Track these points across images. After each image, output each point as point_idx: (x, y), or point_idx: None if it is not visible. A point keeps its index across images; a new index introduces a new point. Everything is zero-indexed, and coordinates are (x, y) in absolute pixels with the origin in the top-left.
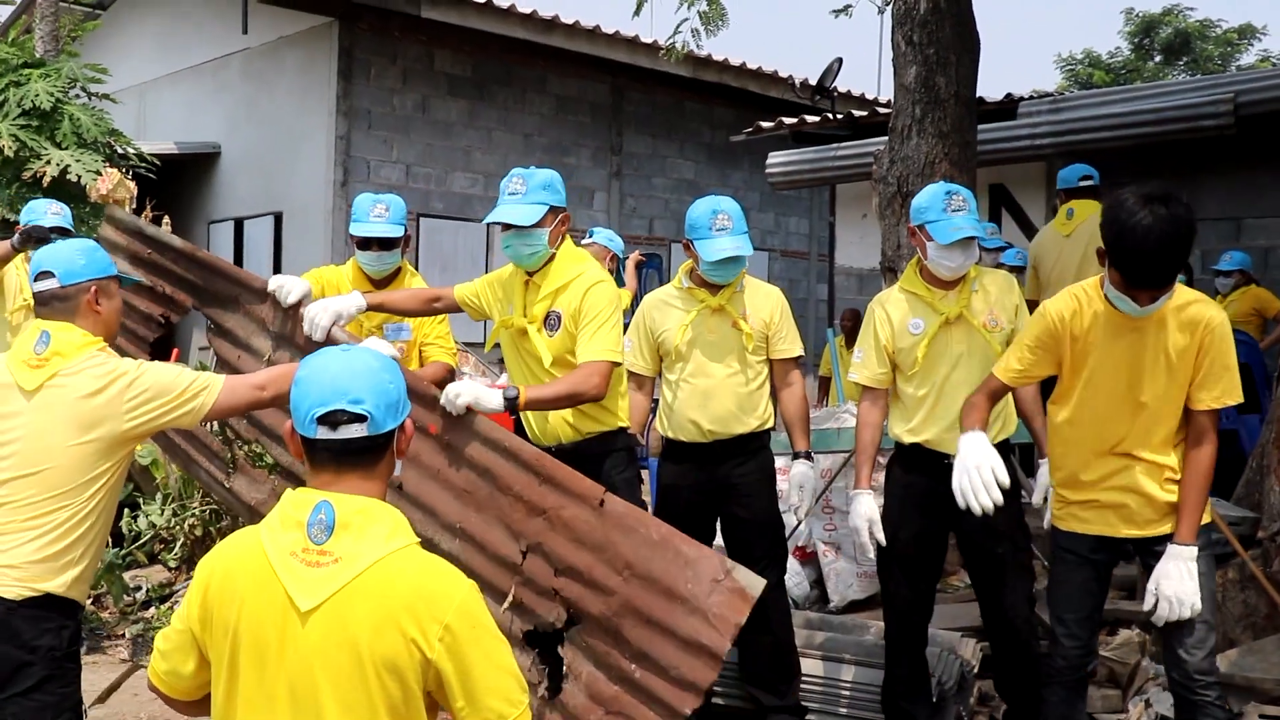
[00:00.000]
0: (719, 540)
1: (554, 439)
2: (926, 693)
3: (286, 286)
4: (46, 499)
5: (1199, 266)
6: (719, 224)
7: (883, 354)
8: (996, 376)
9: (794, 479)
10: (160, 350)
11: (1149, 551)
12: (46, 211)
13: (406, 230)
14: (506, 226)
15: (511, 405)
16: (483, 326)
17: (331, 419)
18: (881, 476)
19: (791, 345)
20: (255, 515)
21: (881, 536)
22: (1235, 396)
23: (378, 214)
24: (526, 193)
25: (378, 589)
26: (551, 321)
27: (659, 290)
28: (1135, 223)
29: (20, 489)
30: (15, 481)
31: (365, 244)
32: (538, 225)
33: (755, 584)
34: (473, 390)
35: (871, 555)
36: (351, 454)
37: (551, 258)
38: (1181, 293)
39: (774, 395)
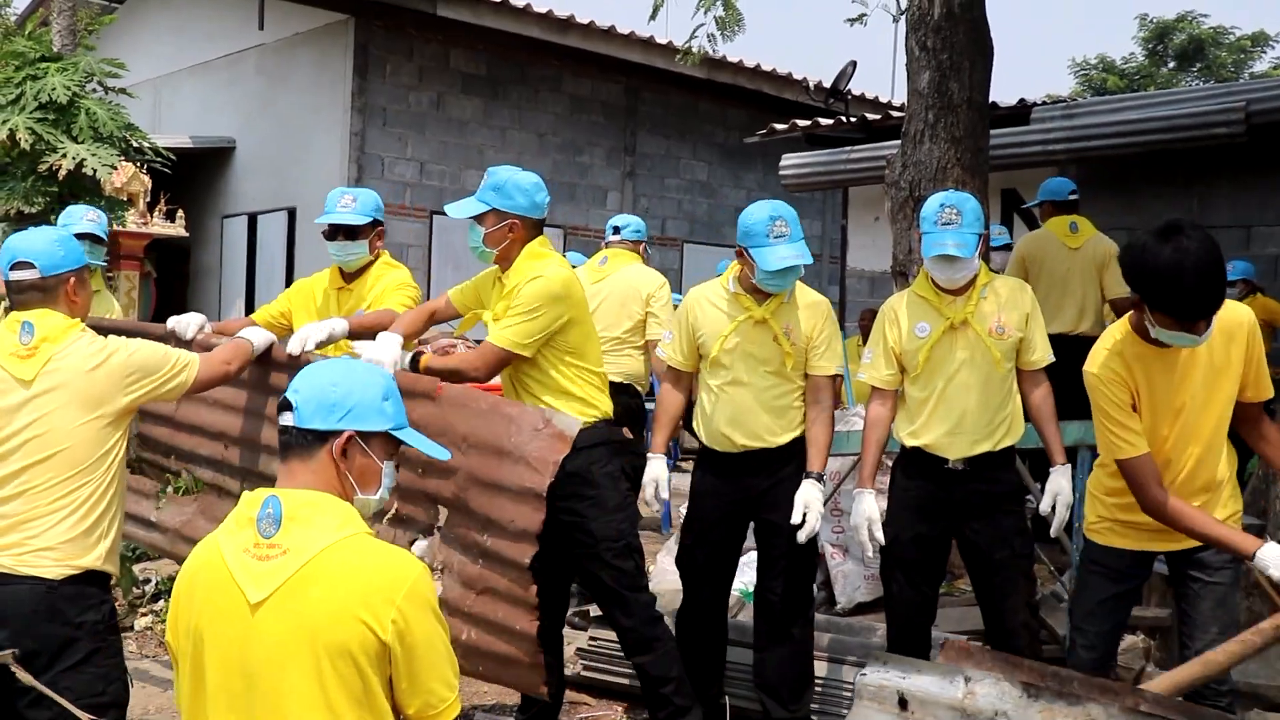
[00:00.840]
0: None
1: None
2: None
3: (184, 323)
4: (68, 478)
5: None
6: (777, 230)
7: (890, 356)
8: (1134, 458)
9: (800, 497)
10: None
11: (1185, 561)
12: (83, 218)
13: (380, 222)
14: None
15: (413, 364)
16: None
17: (280, 406)
18: (887, 479)
19: (829, 362)
20: (179, 537)
21: (880, 536)
22: (1270, 391)
23: (344, 204)
24: (488, 186)
25: (328, 576)
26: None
27: (704, 287)
28: (1167, 263)
29: (40, 474)
30: (35, 467)
31: (331, 234)
32: (477, 220)
33: (571, 425)
34: (372, 351)
35: (870, 554)
36: (289, 444)
37: (510, 259)
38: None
39: None
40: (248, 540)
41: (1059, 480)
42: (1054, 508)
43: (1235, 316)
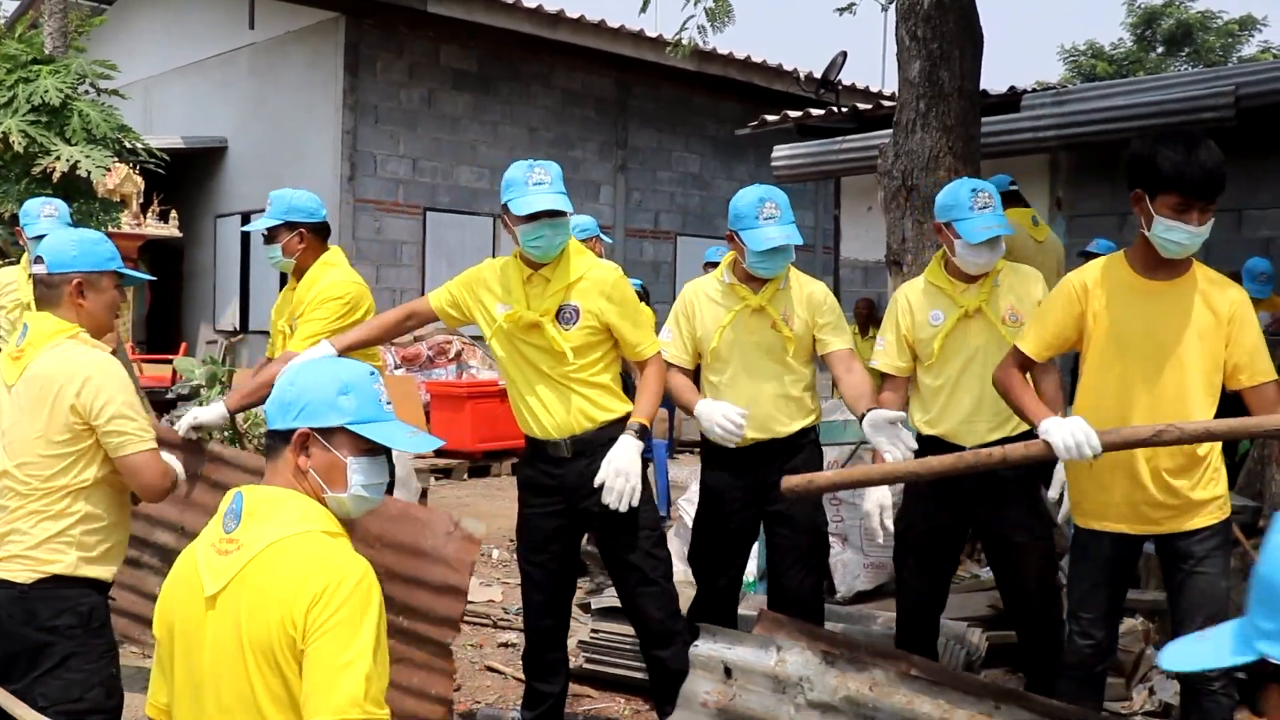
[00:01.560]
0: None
1: (568, 431)
2: None
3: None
4: (36, 487)
5: (1204, 259)
6: (766, 212)
7: (903, 344)
8: (1024, 353)
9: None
10: (170, 344)
11: (1166, 549)
12: (40, 215)
13: (296, 224)
14: (536, 216)
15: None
16: None
17: None
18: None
19: (840, 339)
20: None
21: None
22: (1273, 373)
23: (265, 209)
24: (552, 182)
25: (263, 572)
26: (568, 314)
27: (700, 281)
28: (1181, 143)
29: (15, 480)
30: (7, 475)
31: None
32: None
33: (478, 527)
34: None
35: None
36: (267, 448)
37: (563, 251)
38: (1204, 270)
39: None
40: (214, 535)
41: (1063, 471)
42: (1062, 496)
43: (1226, 291)
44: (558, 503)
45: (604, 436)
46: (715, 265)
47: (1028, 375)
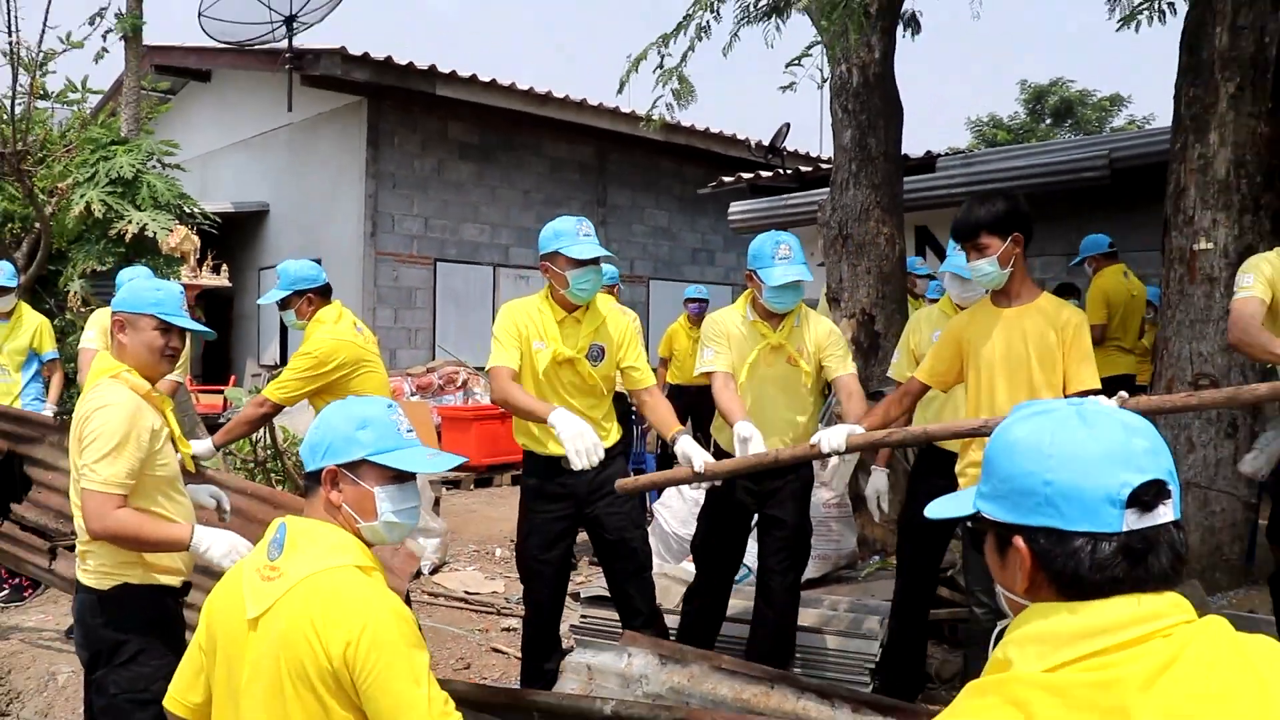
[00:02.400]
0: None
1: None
2: (923, 657)
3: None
4: None
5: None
6: (781, 253)
7: (910, 357)
8: (916, 378)
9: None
10: (222, 377)
11: None
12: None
13: (305, 291)
14: (585, 262)
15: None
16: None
17: None
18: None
19: (844, 365)
20: (72, 585)
21: (885, 507)
22: (1095, 382)
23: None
24: (594, 235)
25: (300, 602)
26: (594, 353)
27: (725, 311)
28: (969, 203)
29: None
30: (77, 501)
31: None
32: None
33: (419, 549)
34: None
35: (878, 520)
36: (306, 489)
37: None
38: (1049, 298)
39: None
40: (259, 561)
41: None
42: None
43: (1063, 314)
44: (567, 509)
45: (609, 455)
46: (695, 300)
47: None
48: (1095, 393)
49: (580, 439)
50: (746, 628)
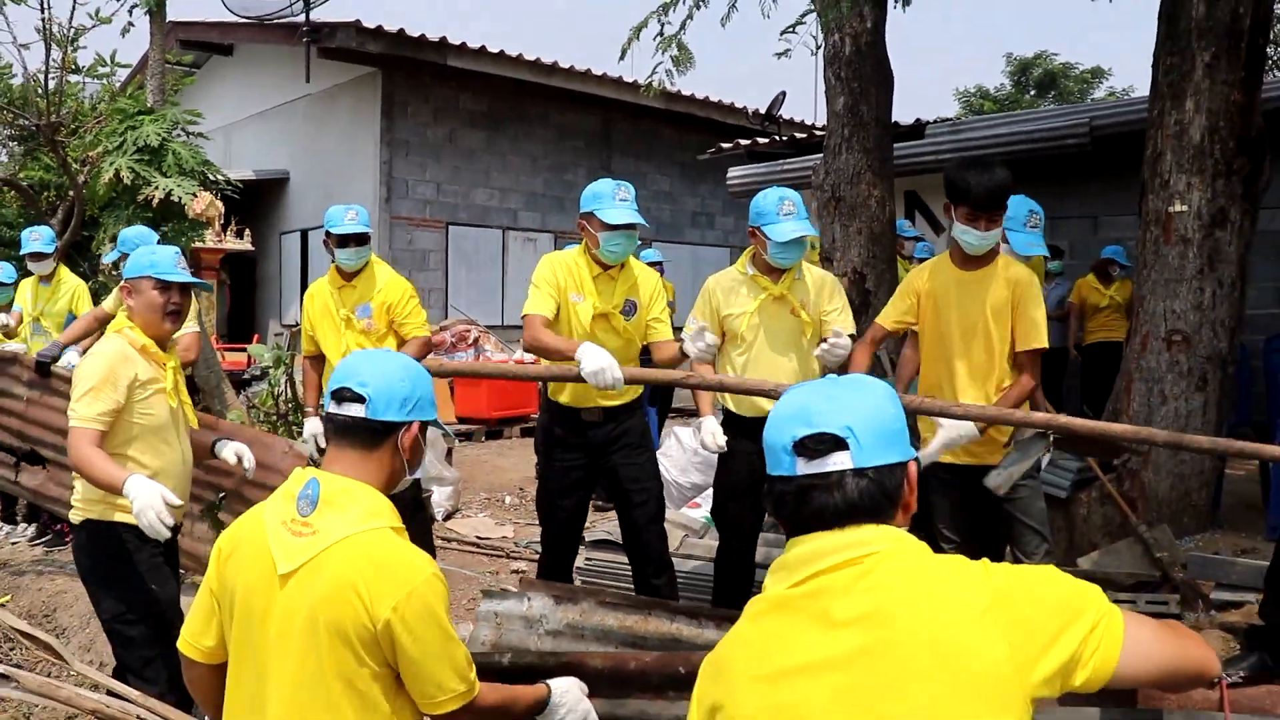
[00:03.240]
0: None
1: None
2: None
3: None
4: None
5: (1070, 254)
6: (785, 209)
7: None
8: (880, 324)
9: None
10: (247, 336)
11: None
12: (29, 239)
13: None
14: (618, 226)
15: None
16: (499, 309)
17: (338, 395)
18: None
19: (841, 321)
20: (37, 495)
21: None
22: (1041, 341)
23: (350, 218)
24: (632, 201)
25: (341, 560)
26: (628, 308)
27: (722, 274)
28: (978, 170)
29: None
30: None
31: (344, 242)
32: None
33: (303, 450)
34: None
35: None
36: (349, 432)
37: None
38: (1004, 258)
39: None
40: (286, 514)
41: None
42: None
43: (1016, 273)
44: (583, 458)
45: (626, 408)
46: (655, 264)
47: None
48: (1043, 353)
49: (603, 373)
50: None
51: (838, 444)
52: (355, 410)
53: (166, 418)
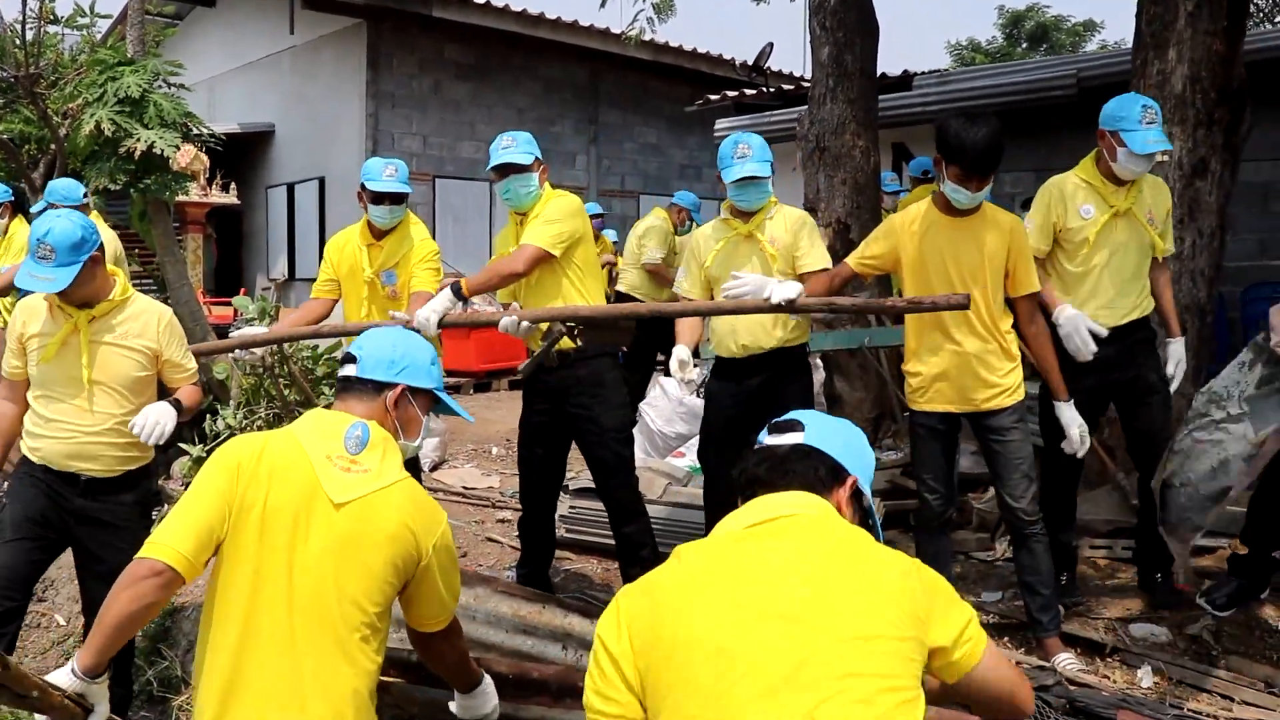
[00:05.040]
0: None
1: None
2: None
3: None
4: None
5: None
6: (739, 152)
7: (1050, 230)
8: (847, 263)
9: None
10: (234, 290)
11: (980, 425)
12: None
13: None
14: (506, 172)
15: (457, 292)
16: (487, 262)
17: (344, 359)
18: None
19: (815, 260)
20: None
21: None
22: (1035, 285)
23: (389, 174)
24: (517, 146)
25: (399, 500)
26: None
27: (705, 225)
28: (970, 129)
29: None
30: None
31: (379, 199)
32: (529, 169)
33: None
34: (425, 310)
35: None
36: (347, 389)
37: (538, 198)
38: (990, 206)
39: None
40: (331, 449)
41: (1178, 349)
42: (1174, 373)
43: (1005, 220)
44: (546, 404)
45: (582, 354)
46: (679, 207)
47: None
48: (1034, 296)
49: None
50: None
51: (793, 426)
52: (350, 369)
53: (46, 370)
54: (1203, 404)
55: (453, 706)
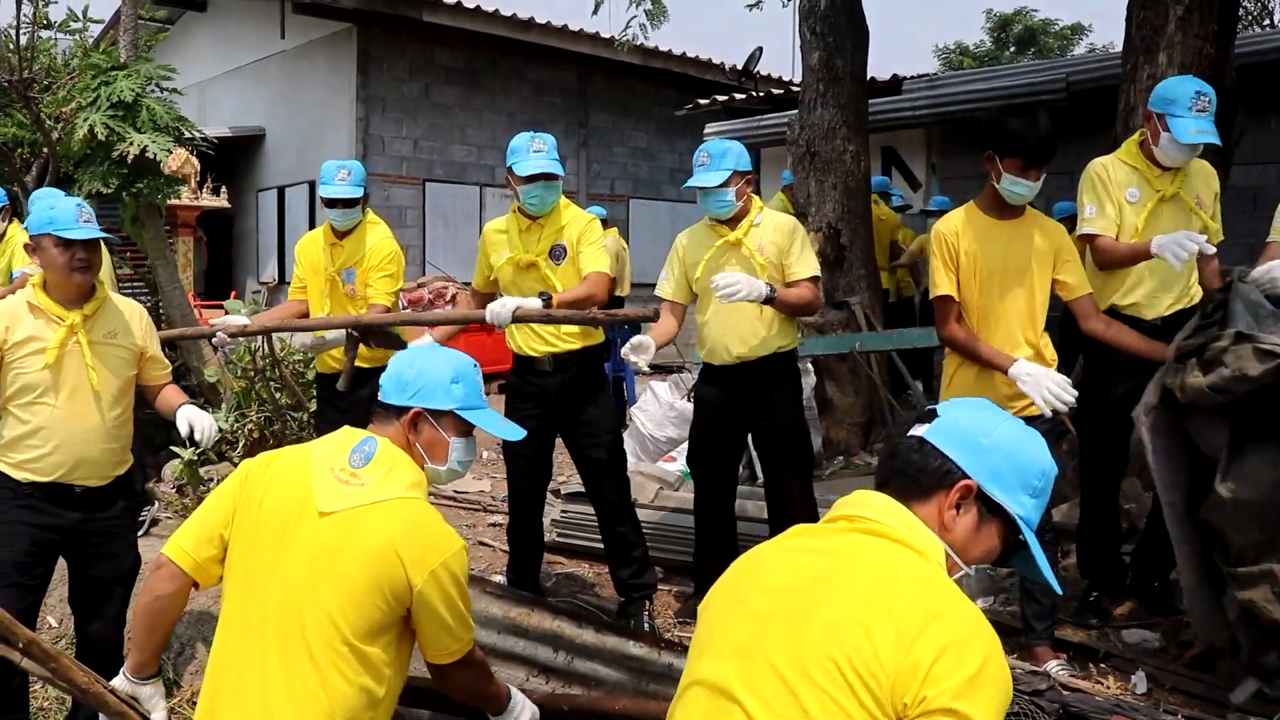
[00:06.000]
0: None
1: (551, 350)
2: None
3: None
4: None
5: (1043, 209)
6: (699, 161)
7: (1112, 210)
8: (950, 298)
9: (739, 278)
10: (224, 294)
11: None
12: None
13: (366, 190)
14: (534, 177)
15: (547, 303)
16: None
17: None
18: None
19: (804, 268)
20: None
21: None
22: (1088, 286)
23: (341, 178)
24: (549, 151)
25: (390, 518)
26: (557, 253)
27: (689, 229)
28: (1029, 120)
29: None
30: None
31: (331, 203)
32: (559, 177)
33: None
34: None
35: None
36: (376, 413)
37: (559, 206)
38: (1033, 210)
39: None
40: (336, 462)
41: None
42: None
43: (1051, 224)
44: (537, 408)
45: (577, 357)
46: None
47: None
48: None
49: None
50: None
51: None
52: (380, 393)
53: (44, 377)
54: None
55: None
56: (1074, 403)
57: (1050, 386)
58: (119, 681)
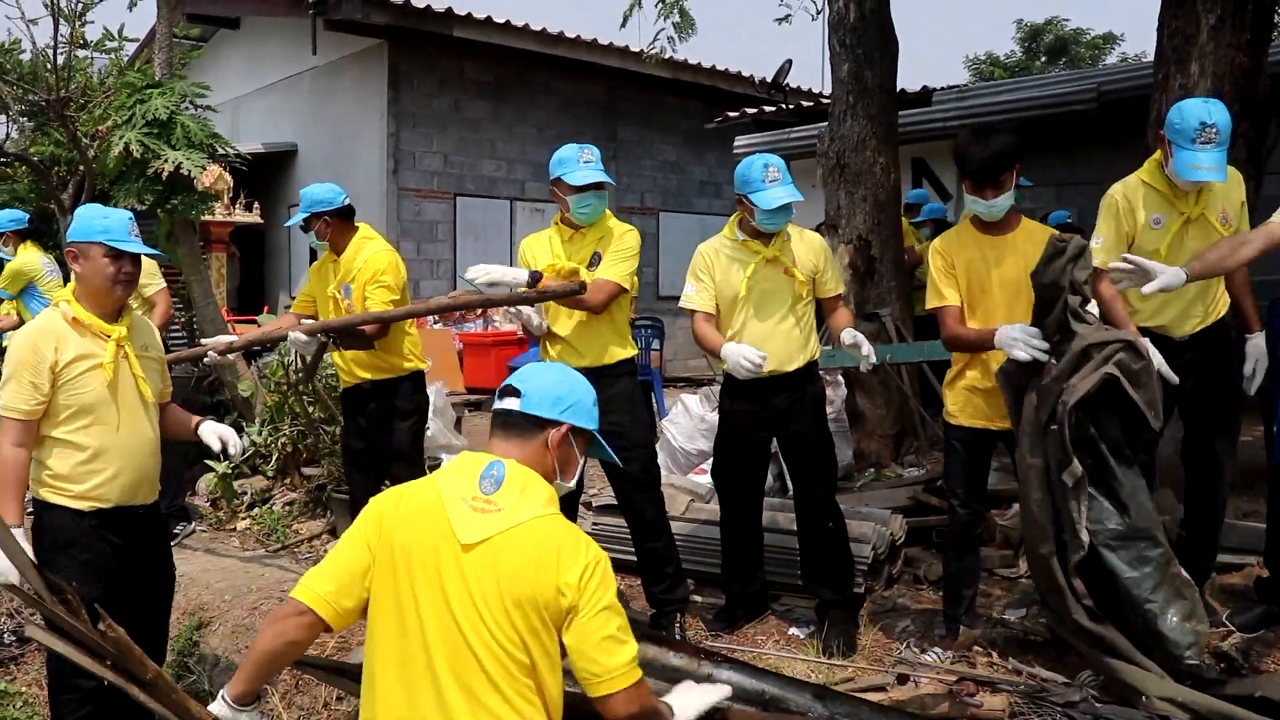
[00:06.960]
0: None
1: (590, 363)
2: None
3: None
4: None
5: (1079, 219)
6: (771, 175)
7: (1124, 244)
8: (942, 306)
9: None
10: (257, 308)
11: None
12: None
13: (320, 214)
14: (586, 187)
15: (534, 280)
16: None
17: (503, 391)
18: None
19: (835, 285)
20: None
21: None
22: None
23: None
24: (597, 162)
25: (534, 539)
26: (594, 261)
27: (712, 241)
28: (971, 141)
29: None
30: None
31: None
32: (607, 187)
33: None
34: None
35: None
36: (507, 425)
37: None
38: (1028, 222)
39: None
40: (467, 491)
41: (1257, 344)
42: (1254, 370)
43: (1044, 236)
44: None
45: (613, 371)
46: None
47: None
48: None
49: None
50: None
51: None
52: (512, 403)
53: (103, 395)
54: None
55: None
56: (1046, 348)
57: (1025, 340)
58: (218, 707)
